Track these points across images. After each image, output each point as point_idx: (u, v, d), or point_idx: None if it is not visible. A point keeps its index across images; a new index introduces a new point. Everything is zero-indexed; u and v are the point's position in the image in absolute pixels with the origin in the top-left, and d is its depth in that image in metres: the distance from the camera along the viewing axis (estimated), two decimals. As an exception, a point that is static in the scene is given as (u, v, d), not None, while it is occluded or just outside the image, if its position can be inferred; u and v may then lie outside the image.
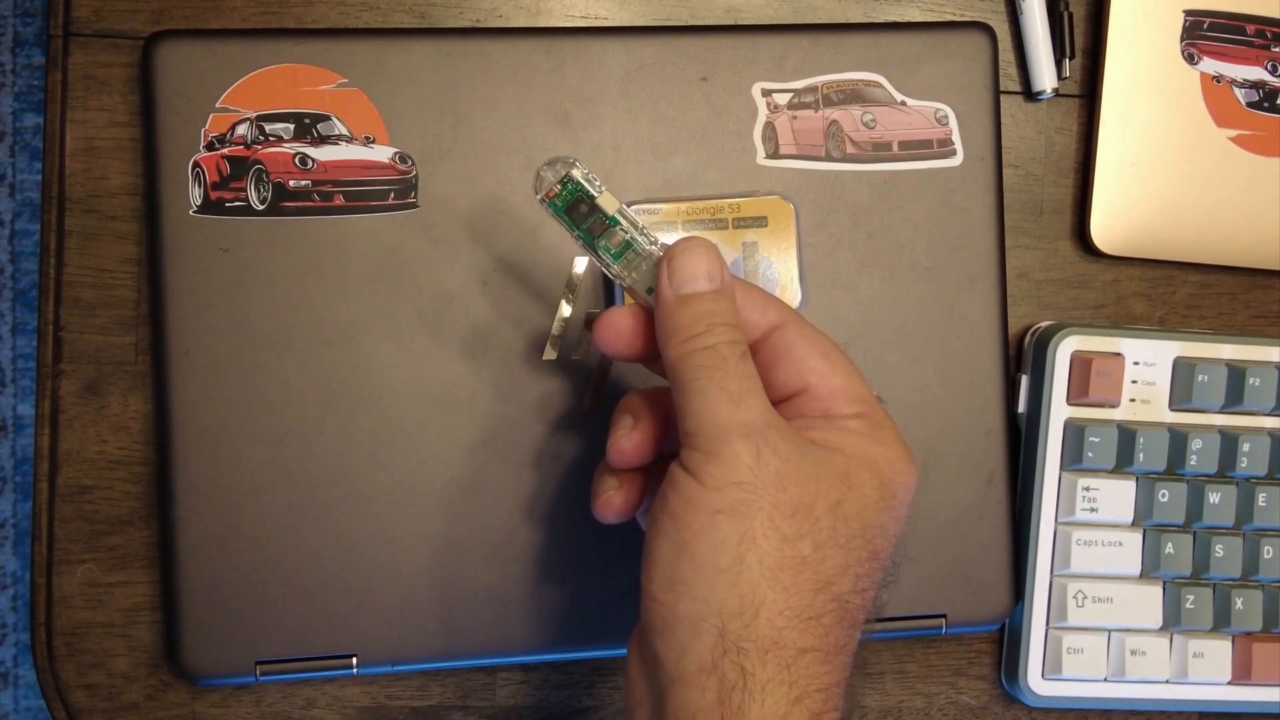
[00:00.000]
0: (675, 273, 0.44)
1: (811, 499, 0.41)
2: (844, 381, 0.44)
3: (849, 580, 0.42)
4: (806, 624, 0.40)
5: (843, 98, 0.56)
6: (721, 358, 0.42)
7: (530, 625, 0.55)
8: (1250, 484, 0.59)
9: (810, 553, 0.41)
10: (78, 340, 0.55)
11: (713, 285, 0.44)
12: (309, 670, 0.54)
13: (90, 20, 0.55)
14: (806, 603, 0.40)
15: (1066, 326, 0.58)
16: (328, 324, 0.53)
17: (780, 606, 0.40)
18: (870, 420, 0.44)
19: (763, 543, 0.40)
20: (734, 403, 0.41)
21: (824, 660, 0.41)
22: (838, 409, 0.44)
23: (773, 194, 0.55)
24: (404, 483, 0.54)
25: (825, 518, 0.41)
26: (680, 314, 0.43)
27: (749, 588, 0.40)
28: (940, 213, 0.57)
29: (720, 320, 0.43)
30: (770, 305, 0.45)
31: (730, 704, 0.39)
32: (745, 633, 0.40)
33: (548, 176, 0.46)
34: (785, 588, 0.40)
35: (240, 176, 0.53)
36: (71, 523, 0.55)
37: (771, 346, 0.45)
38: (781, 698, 0.40)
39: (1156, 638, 0.58)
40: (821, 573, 0.41)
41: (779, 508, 0.40)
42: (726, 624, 0.40)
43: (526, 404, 0.55)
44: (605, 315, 0.45)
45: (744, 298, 0.45)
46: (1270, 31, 0.61)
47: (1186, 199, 0.60)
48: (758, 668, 0.40)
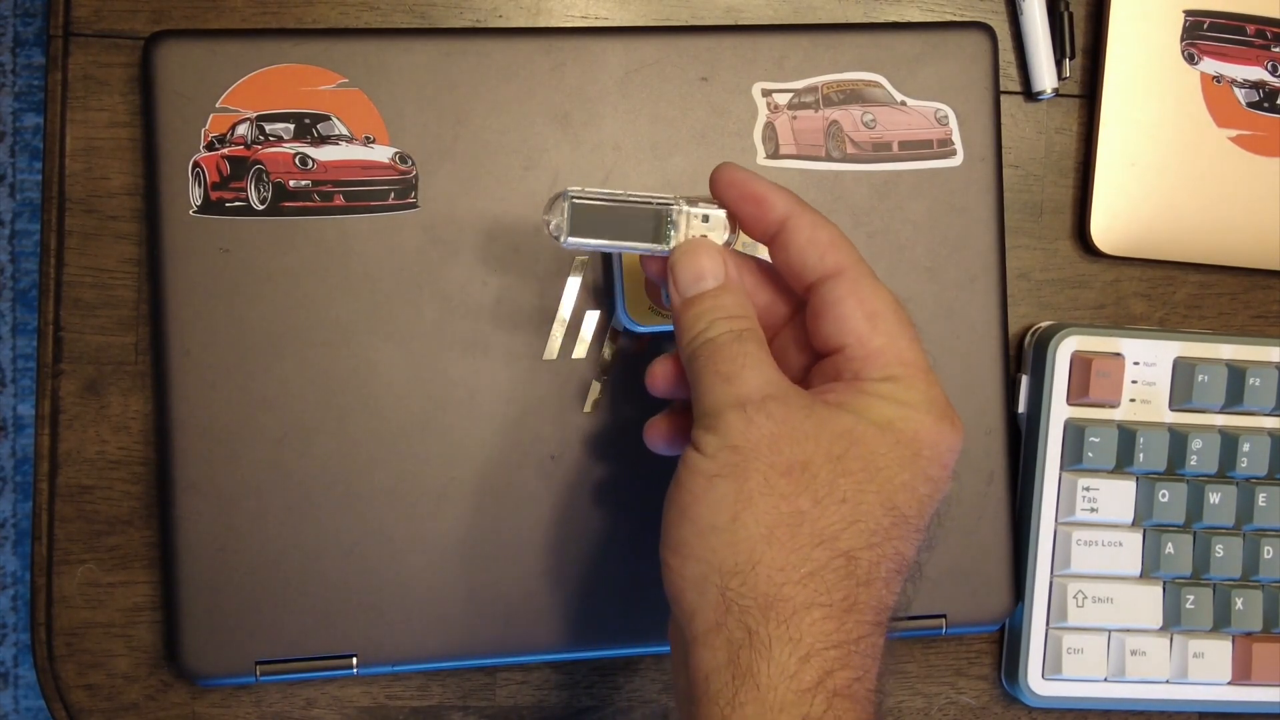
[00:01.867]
0: (678, 279, 0.46)
1: (808, 456, 0.42)
2: (884, 343, 0.44)
3: (856, 535, 0.42)
4: (806, 579, 0.41)
5: (843, 98, 0.56)
6: (717, 345, 0.44)
7: (530, 625, 0.55)
8: (1250, 484, 0.59)
9: (809, 507, 0.41)
10: (78, 340, 0.55)
11: (716, 282, 0.45)
12: (309, 670, 0.54)
13: (90, 20, 0.55)
14: (804, 557, 0.41)
15: (1066, 326, 0.58)
16: (328, 324, 0.53)
17: (778, 563, 0.41)
18: (902, 382, 0.44)
19: (759, 501, 0.41)
20: (725, 381, 0.43)
21: (831, 616, 0.41)
22: (868, 372, 0.44)
23: (773, 194, 0.55)
24: (404, 483, 0.54)
25: (824, 472, 0.42)
26: (684, 316, 0.45)
27: (745, 545, 0.41)
28: (940, 213, 0.57)
29: (719, 314, 0.44)
30: (831, 250, 0.45)
31: (740, 663, 0.40)
32: (744, 589, 0.40)
33: (553, 219, 0.46)
34: (782, 544, 0.41)
35: (240, 176, 0.53)
36: (71, 523, 0.55)
37: (821, 297, 0.45)
38: (789, 656, 0.40)
39: (1156, 638, 0.58)
40: (821, 527, 0.41)
41: (774, 467, 0.41)
42: (726, 582, 0.41)
43: (526, 404, 0.55)
44: (651, 366, 0.48)
45: (808, 237, 0.45)
46: (1270, 31, 0.61)
47: (1186, 199, 0.60)
48: (760, 625, 0.40)
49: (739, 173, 0.46)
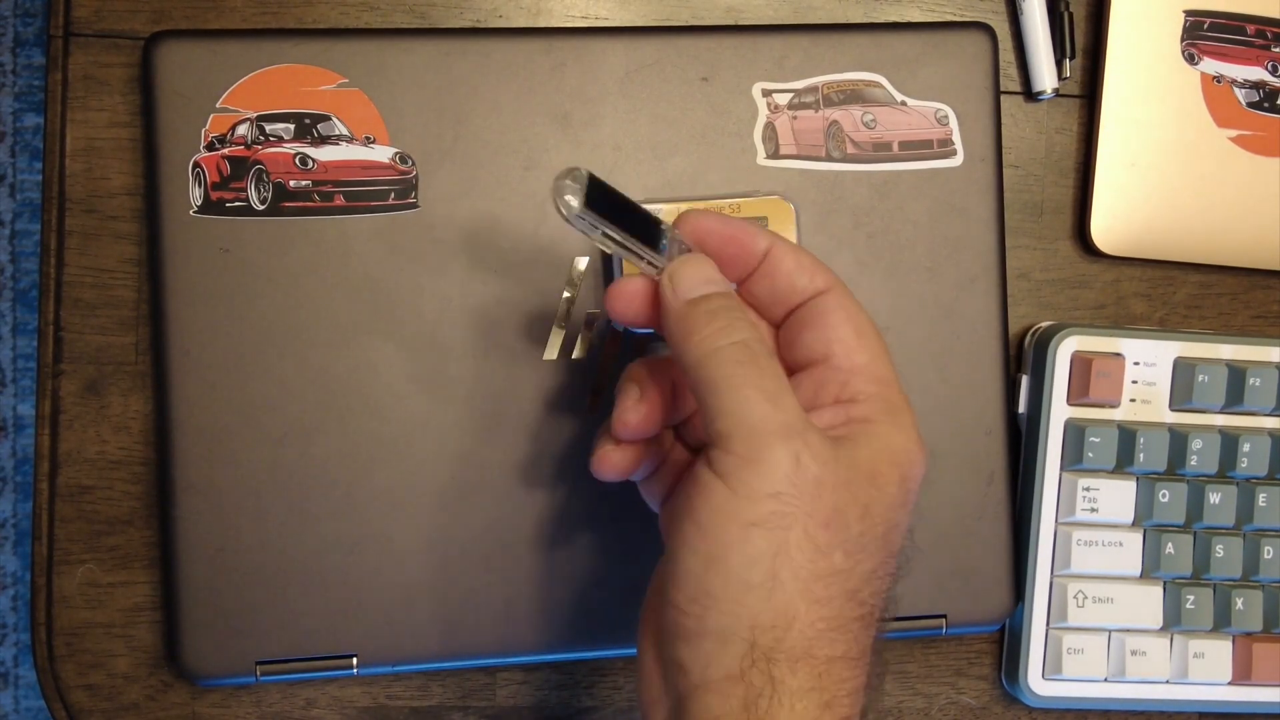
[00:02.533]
0: (680, 281, 0.43)
1: (845, 506, 0.40)
2: (867, 360, 0.43)
3: (873, 585, 0.41)
4: (837, 633, 0.40)
5: (843, 98, 0.56)
6: (753, 353, 0.40)
7: (530, 625, 0.55)
8: (1250, 484, 0.59)
9: (841, 562, 0.40)
10: (78, 340, 0.55)
11: (720, 288, 0.43)
12: (309, 670, 0.54)
13: (90, 20, 0.55)
14: (837, 612, 0.40)
15: (1067, 327, 0.58)
16: (328, 324, 0.53)
17: (813, 619, 0.39)
18: (887, 403, 0.43)
19: (797, 556, 0.39)
20: (771, 402, 0.40)
21: (851, 665, 0.40)
22: (853, 385, 0.43)
23: (773, 194, 0.55)
24: (404, 483, 0.54)
25: (855, 524, 0.40)
26: (694, 313, 0.42)
27: (782, 603, 0.39)
28: (940, 213, 0.57)
29: (741, 316, 0.42)
30: (819, 271, 0.44)
31: (756, 710, 0.39)
32: (777, 645, 0.39)
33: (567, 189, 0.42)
34: (817, 600, 0.40)
35: (240, 176, 0.53)
36: (72, 523, 0.55)
37: (809, 309, 0.44)
38: (812, 703, 0.39)
39: (1157, 638, 0.58)
40: (851, 581, 0.40)
41: (814, 518, 0.39)
42: (758, 638, 0.39)
43: (527, 404, 0.55)
44: (615, 284, 0.44)
45: (794, 260, 0.44)
46: (1270, 31, 0.61)
47: (1186, 199, 0.60)
48: (788, 676, 0.39)
49: (709, 220, 0.44)
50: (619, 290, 0.44)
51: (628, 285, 0.44)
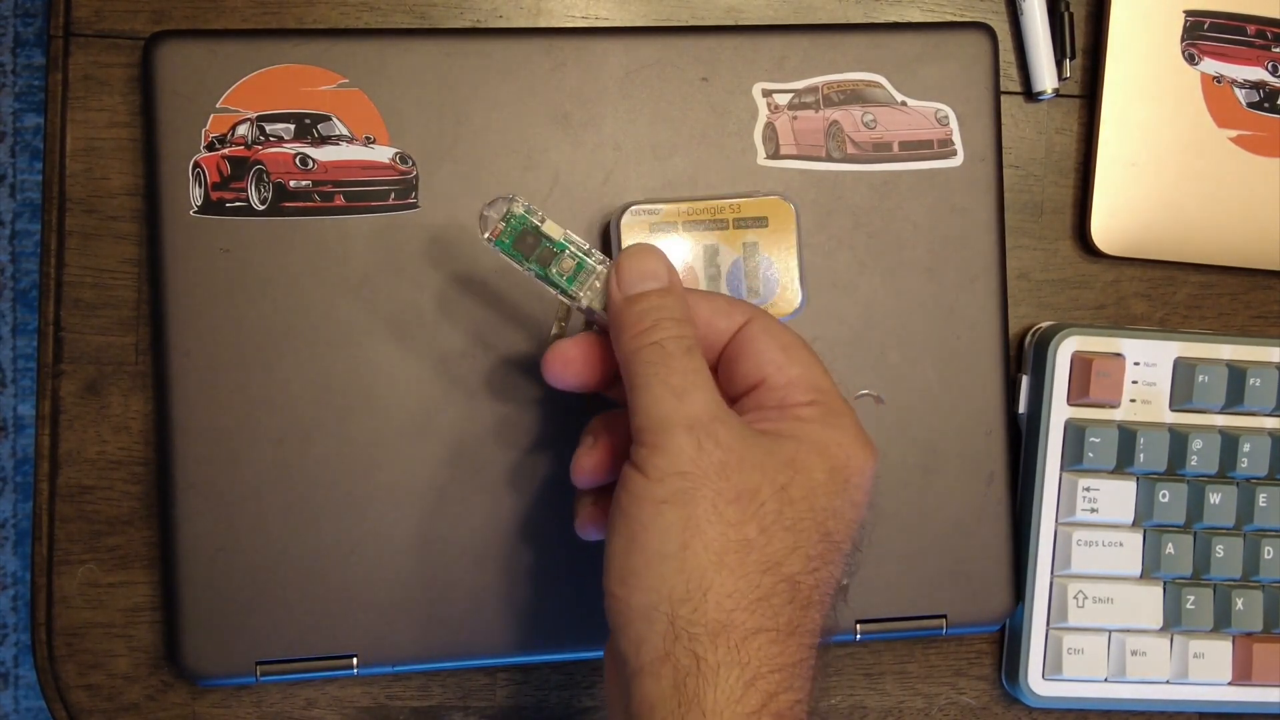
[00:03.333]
0: (623, 276, 0.45)
1: (756, 485, 0.42)
2: (801, 372, 0.45)
3: (798, 560, 0.42)
4: (755, 604, 0.41)
5: (843, 98, 0.56)
6: (667, 353, 0.43)
7: (531, 625, 0.55)
8: (1251, 484, 0.59)
9: (756, 535, 0.41)
10: (78, 340, 0.55)
11: (659, 284, 0.45)
12: (309, 670, 0.54)
13: (91, 20, 0.55)
14: (754, 584, 0.41)
15: (1067, 327, 0.58)
16: (328, 324, 0.53)
17: (729, 589, 0.41)
18: (824, 407, 0.45)
19: (707, 529, 0.41)
20: (676, 397, 0.42)
21: (776, 640, 0.41)
22: (792, 397, 0.45)
23: (773, 194, 0.55)
24: (404, 483, 0.54)
25: (771, 501, 0.42)
26: (628, 312, 0.44)
27: (695, 572, 0.41)
28: (940, 213, 0.57)
29: (666, 315, 0.44)
30: (735, 309, 0.46)
31: (686, 690, 0.40)
32: (694, 617, 0.40)
33: (491, 216, 0.47)
34: (732, 570, 0.41)
35: (241, 177, 0.53)
36: (72, 523, 0.55)
37: (737, 343, 0.46)
38: (735, 680, 0.40)
39: (1157, 638, 0.58)
40: (768, 554, 0.42)
41: (722, 494, 0.41)
42: (676, 610, 0.41)
43: (528, 403, 0.55)
44: (551, 349, 0.46)
45: (709, 306, 0.46)
46: (1270, 32, 0.61)
47: (1187, 199, 0.60)
48: (709, 651, 0.40)
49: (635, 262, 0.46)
50: (554, 355, 0.46)
51: (562, 350, 0.47)
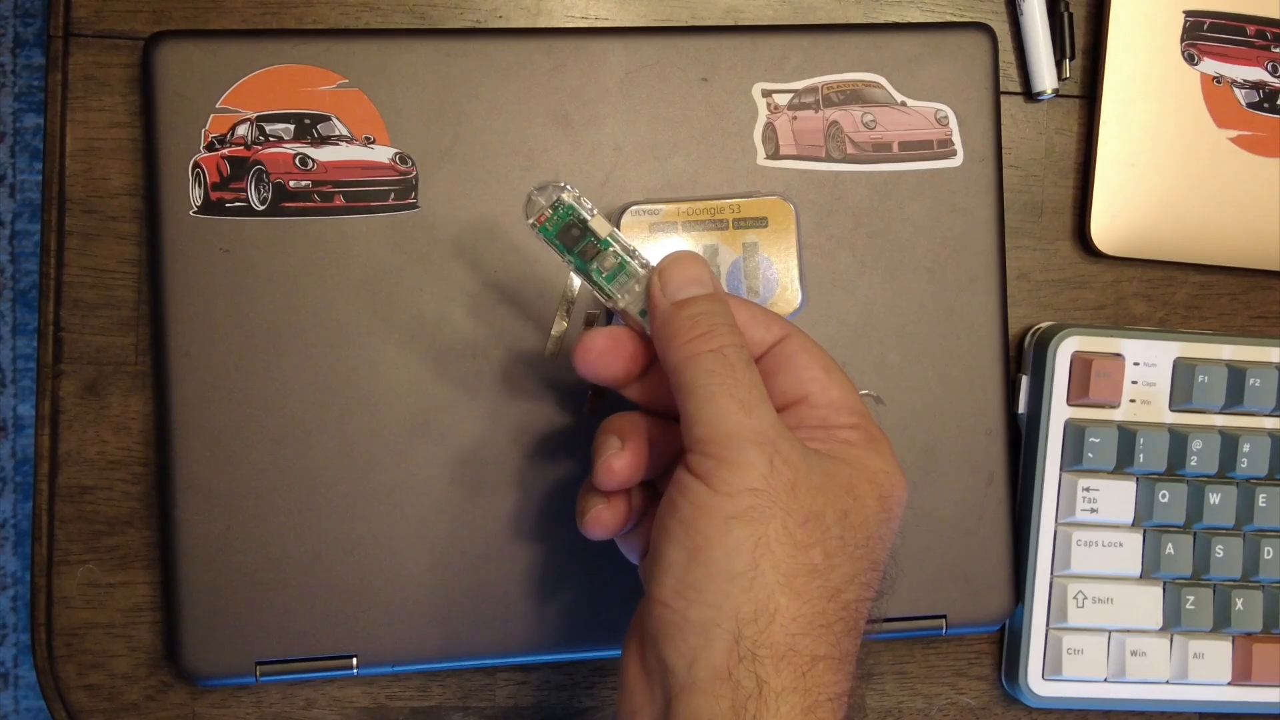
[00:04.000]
0: (669, 281, 0.44)
1: (821, 508, 0.41)
2: (841, 394, 0.45)
3: (856, 588, 0.42)
4: (820, 631, 0.40)
5: (843, 98, 0.56)
6: (729, 363, 0.42)
7: (530, 625, 0.55)
8: (1250, 484, 0.59)
9: (821, 561, 0.41)
10: (78, 340, 0.55)
11: (705, 290, 0.44)
12: (309, 670, 0.54)
13: (90, 21, 0.55)
14: (819, 610, 0.41)
15: (1067, 327, 0.58)
16: (328, 324, 0.53)
17: (795, 613, 0.40)
18: (866, 432, 0.44)
19: (777, 549, 0.40)
20: (745, 410, 0.41)
21: (835, 669, 0.41)
22: (834, 419, 0.44)
23: (773, 194, 0.55)
24: (404, 483, 0.54)
25: (834, 527, 0.41)
26: (679, 316, 0.43)
27: (764, 594, 0.40)
28: (940, 213, 0.57)
29: (721, 321, 0.43)
30: (774, 321, 0.46)
31: (745, 713, 0.39)
32: (760, 639, 0.39)
33: (539, 200, 0.46)
34: (799, 595, 0.40)
35: (240, 177, 0.53)
36: (71, 523, 0.55)
37: (774, 357, 0.45)
38: (795, 706, 0.39)
39: (1157, 638, 0.58)
40: (832, 581, 0.41)
41: (792, 515, 0.40)
42: (742, 629, 0.39)
43: (527, 404, 0.54)
44: (582, 339, 0.45)
45: (747, 315, 0.45)
46: (1270, 32, 0.61)
47: (1186, 199, 0.60)
48: (772, 675, 0.39)
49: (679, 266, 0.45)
50: (585, 345, 0.45)
51: (593, 340, 0.45)
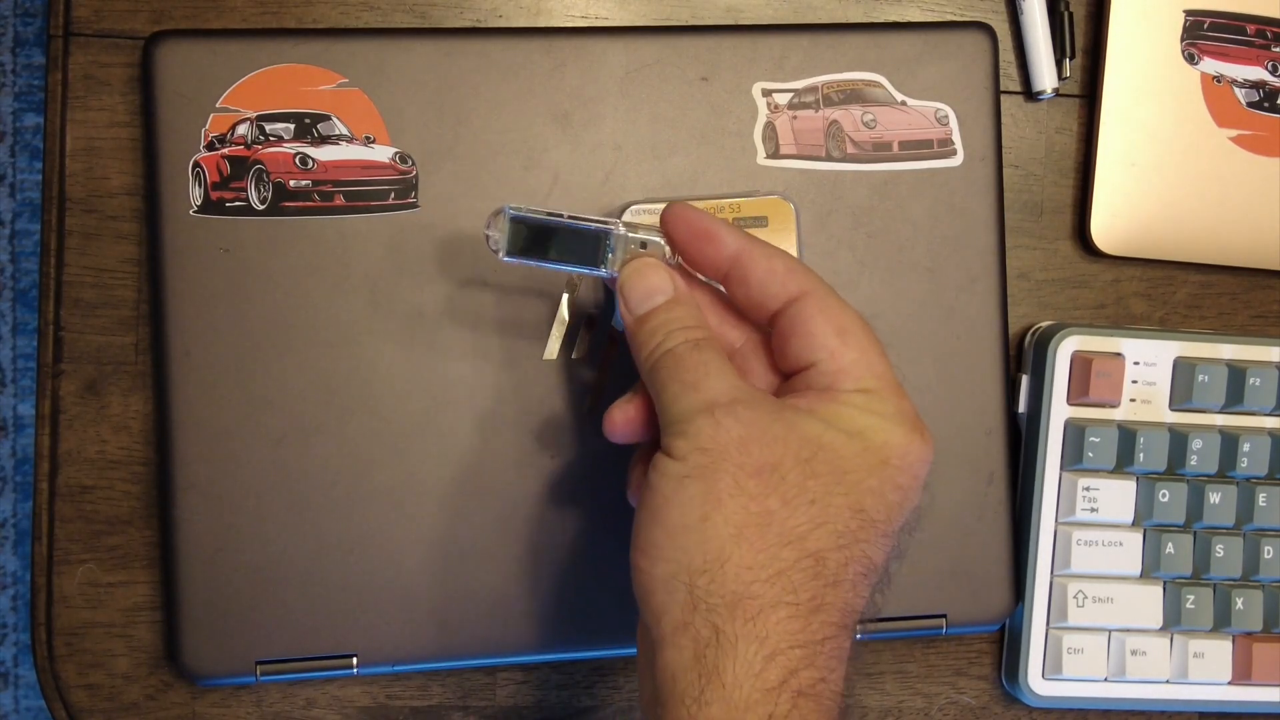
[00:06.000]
0: (629, 297, 0.47)
1: (777, 458, 0.42)
2: (855, 358, 0.45)
3: (825, 536, 0.42)
4: (774, 578, 0.41)
5: (843, 98, 0.56)
6: (677, 356, 0.44)
7: (530, 625, 0.55)
8: (1250, 484, 0.59)
9: (778, 508, 0.42)
10: (78, 340, 0.55)
11: (665, 297, 0.46)
12: (309, 670, 0.54)
13: (90, 20, 0.55)
14: (773, 556, 0.41)
15: (1067, 326, 0.58)
16: (328, 324, 0.53)
17: (747, 561, 0.41)
18: (874, 395, 0.45)
19: (727, 501, 0.42)
20: (692, 389, 0.44)
21: (797, 616, 0.41)
22: (841, 384, 0.45)
23: (773, 194, 0.55)
24: (404, 482, 0.54)
25: (793, 474, 0.42)
26: (640, 332, 0.46)
27: (714, 544, 0.41)
28: (940, 213, 0.57)
29: (674, 325, 0.45)
30: (792, 277, 0.46)
31: (705, 660, 0.40)
32: (712, 587, 0.41)
33: (493, 234, 0.47)
34: (750, 543, 0.41)
35: (241, 176, 0.53)
36: (72, 523, 0.55)
37: (789, 318, 0.46)
38: (754, 654, 0.40)
39: (1157, 638, 0.58)
40: (789, 527, 0.42)
41: (743, 468, 0.42)
42: (694, 580, 0.41)
43: (527, 404, 0.55)
44: (609, 412, 0.48)
45: (765, 268, 0.46)
46: (1270, 31, 0.61)
47: (1186, 199, 0.60)
48: (726, 623, 0.40)
49: (689, 211, 0.47)
50: (613, 417, 0.48)
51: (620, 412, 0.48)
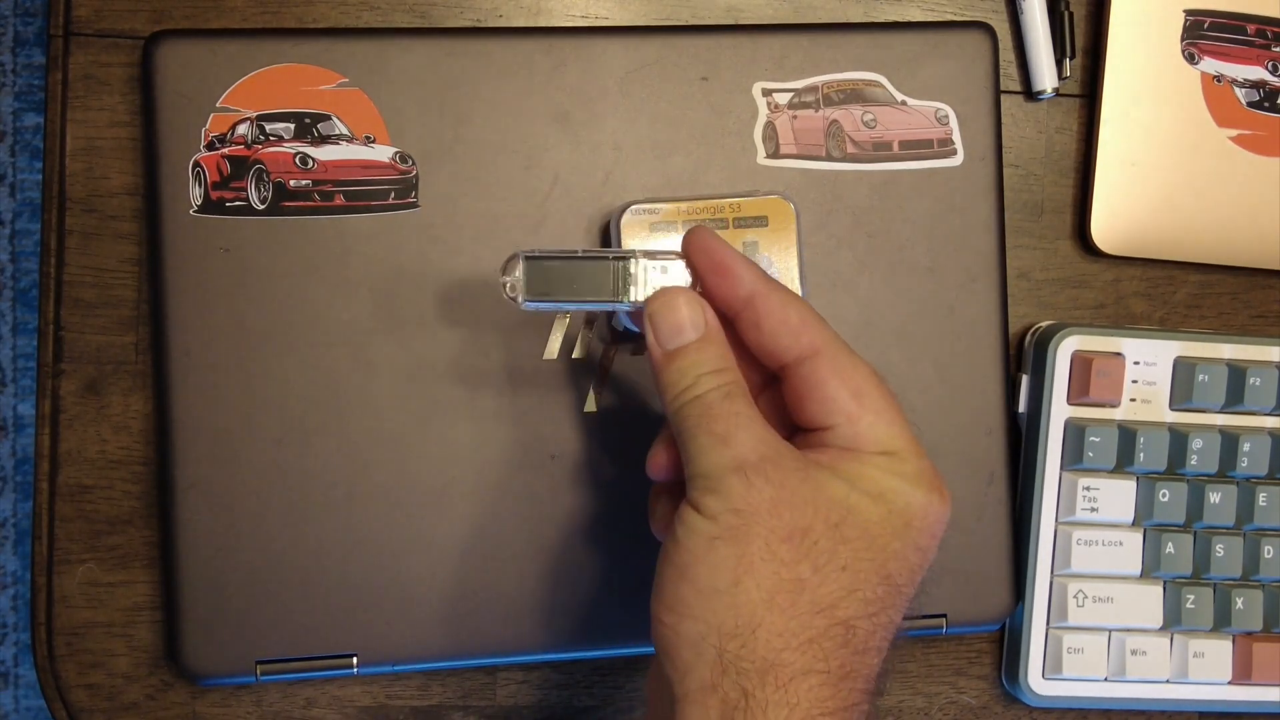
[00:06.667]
0: (658, 328, 0.45)
1: (808, 523, 0.42)
2: (872, 420, 0.44)
3: (855, 604, 0.42)
4: (805, 646, 0.41)
5: (843, 97, 0.56)
6: (707, 404, 0.44)
7: (530, 625, 0.55)
8: (1250, 484, 0.59)
9: (809, 575, 0.41)
10: (78, 340, 0.55)
11: (697, 333, 0.45)
12: (309, 670, 0.54)
13: (90, 20, 0.55)
14: (805, 624, 0.41)
15: (1067, 326, 0.58)
16: (328, 324, 0.53)
17: (778, 628, 0.41)
18: (895, 457, 0.44)
19: (760, 566, 0.41)
20: (722, 443, 0.43)
21: (827, 684, 0.41)
22: (862, 446, 0.44)
23: (773, 194, 0.55)
24: (404, 482, 0.54)
25: (824, 540, 0.42)
26: (668, 370, 0.45)
27: (746, 609, 0.41)
28: (940, 213, 0.57)
29: (705, 369, 0.44)
30: (805, 329, 0.45)
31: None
32: (743, 653, 0.40)
33: (508, 280, 0.46)
34: (783, 610, 0.41)
35: (241, 176, 0.53)
36: (72, 522, 0.55)
37: (803, 378, 0.45)
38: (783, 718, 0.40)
39: (1157, 637, 0.58)
40: (821, 595, 0.41)
41: (774, 532, 0.41)
42: (724, 644, 0.41)
43: (527, 404, 0.55)
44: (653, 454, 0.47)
45: (779, 319, 0.45)
46: (1270, 31, 0.61)
47: (1186, 199, 0.60)
48: (757, 688, 0.40)
49: (710, 240, 0.46)
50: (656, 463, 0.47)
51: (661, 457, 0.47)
